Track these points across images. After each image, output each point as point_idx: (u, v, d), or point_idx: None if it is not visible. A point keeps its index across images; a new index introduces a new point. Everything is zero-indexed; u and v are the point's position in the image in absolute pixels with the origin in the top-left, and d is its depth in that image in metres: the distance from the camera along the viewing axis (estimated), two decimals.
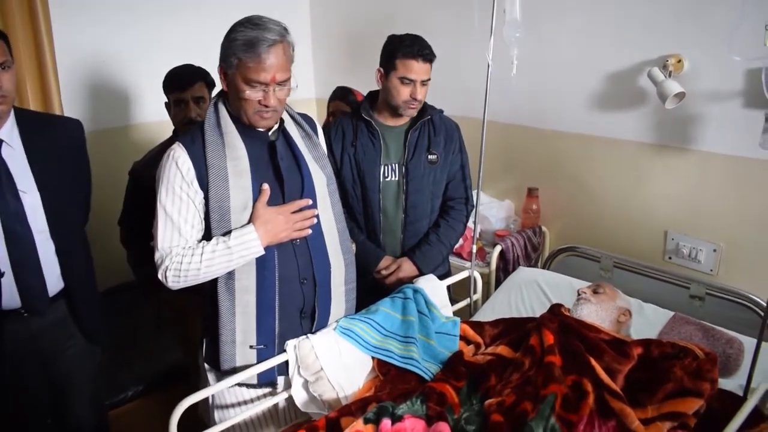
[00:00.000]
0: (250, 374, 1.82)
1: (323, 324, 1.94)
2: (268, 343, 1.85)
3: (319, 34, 3.95)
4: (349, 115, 2.40)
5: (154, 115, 3.08)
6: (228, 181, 1.72)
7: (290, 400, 1.92)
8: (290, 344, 1.86)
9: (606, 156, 2.69)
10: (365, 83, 2.92)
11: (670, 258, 2.57)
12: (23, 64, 2.70)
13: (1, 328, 1.89)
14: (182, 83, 2.28)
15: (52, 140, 1.95)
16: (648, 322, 2.18)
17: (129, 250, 2.45)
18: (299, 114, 1.94)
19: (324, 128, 2.22)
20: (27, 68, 2.72)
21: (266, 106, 1.69)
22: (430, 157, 2.32)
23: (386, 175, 2.32)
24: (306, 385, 1.88)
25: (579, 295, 2.09)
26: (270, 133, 1.81)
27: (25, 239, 1.86)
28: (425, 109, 2.34)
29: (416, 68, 2.17)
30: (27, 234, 1.86)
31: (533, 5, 2.55)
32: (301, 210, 1.79)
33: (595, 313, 2.01)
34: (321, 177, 1.89)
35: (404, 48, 2.17)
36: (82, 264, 2.08)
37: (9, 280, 1.85)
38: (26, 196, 1.85)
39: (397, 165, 2.32)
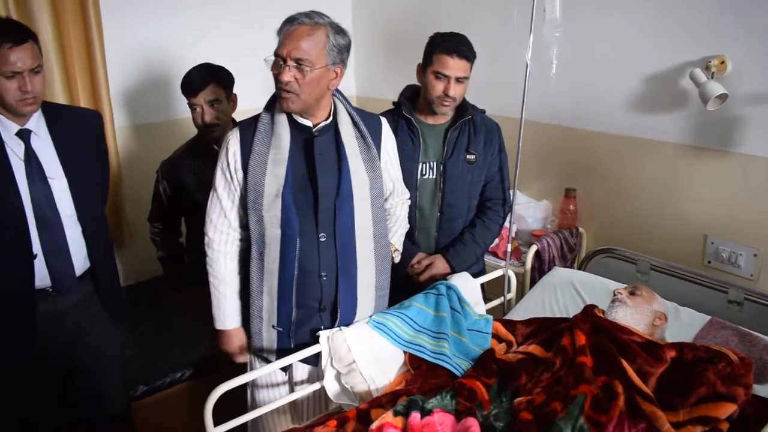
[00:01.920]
0: (284, 363, 1.89)
1: (349, 323, 1.97)
2: (285, 328, 1.95)
3: (360, 33, 3.98)
4: (390, 112, 2.42)
5: None
6: (266, 167, 1.82)
7: (318, 393, 1.98)
8: (323, 335, 1.89)
9: (645, 157, 2.66)
10: (405, 82, 2.94)
11: (709, 262, 2.53)
12: (74, 60, 2.81)
13: (34, 307, 2.01)
14: (193, 88, 2.28)
15: (76, 129, 2.07)
16: (684, 325, 2.16)
17: (157, 247, 2.51)
18: (364, 113, 1.98)
19: None
20: (77, 64, 2.82)
21: (281, 81, 1.73)
22: (468, 156, 2.33)
23: (424, 172, 2.34)
24: (338, 376, 1.91)
25: (615, 296, 2.07)
26: (315, 128, 1.86)
27: (55, 223, 1.98)
28: (466, 108, 2.34)
29: (450, 64, 2.18)
30: (56, 218, 1.98)
31: (573, 4, 2.54)
32: None
33: (630, 316, 1.99)
34: (364, 179, 1.91)
35: (441, 44, 2.19)
36: (104, 244, 2.21)
37: (40, 261, 1.98)
38: (54, 182, 1.97)
39: (435, 163, 2.33)
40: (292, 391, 2.07)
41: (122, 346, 2.34)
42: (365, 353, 1.89)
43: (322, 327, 1.96)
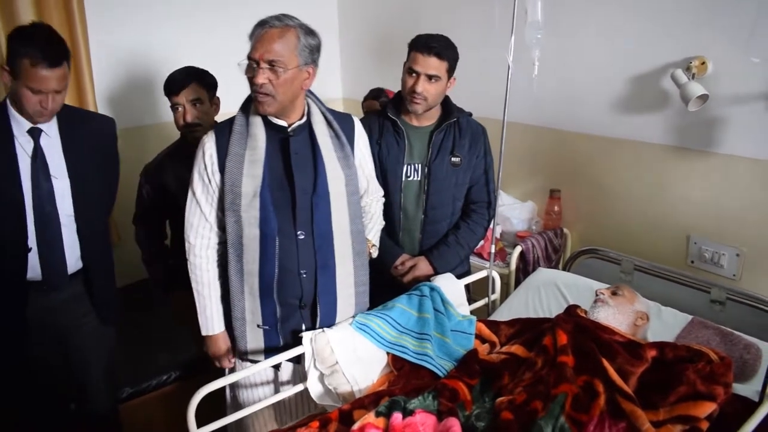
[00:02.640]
0: (270, 364, 1.91)
1: (330, 321, 1.99)
2: (271, 326, 1.96)
3: (347, 36, 3.99)
4: (377, 113, 2.43)
5: None
6: (243, 167, 1.84)
7: (303, 392, 1.98)
8: (306, 337, 1.90)
9: (628, 158, 2.68)
10: (392, 84, 2.95)
11: (692, 262, 2.55)
12: None
13: (25, 297, 2.06)
14: (175, 87, 2.27)
15: (87, 134, 2.11)
16: (666, 325, 2.17)
17: (142, 250, 2.51)
18: (337, 113, 2.00)
19: None
20: None
21: (255, 84, 1.76)
22: (453, 159, 2.33)
23: (409, 174, 2.34)
24: (321, 377, 1.92)
25: (597, 296, 2.09)
26: (290, 128, 1.88)
27: (52, 220, 2.03)
28: (452, 111, 2.35)
29: (420, 60, 2.19)
30: (54, 215, 2.03)
31: (556, 6, 2.56)
32: None
33: (612, 316, 2.00)
34: (339, 176, 1.93)
35: (417, 41, 2.22)
36: (101, 248, 2.24)
37: (33, 255, 2.03)
38: (57, 181, 2.03)
39: (420, 165, 2.34)
40: (278, 390, 2.08)
41: (113, 348, 2.34)
42: (348, 354, 1.90)
43: (304, 324, 1.98)
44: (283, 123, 1.87)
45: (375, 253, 2.19)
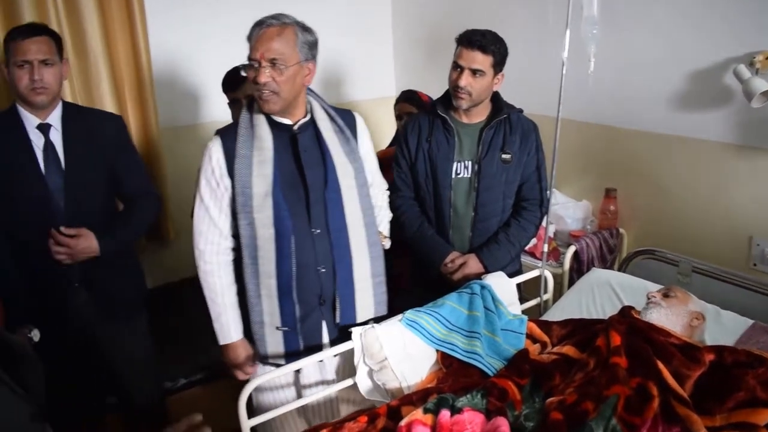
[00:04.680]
0: (304, 364, 1.93)
1: (349, 315, 1.99)
2: (291, 327, 1.95)
3: (400, 35, 4.00)
4: (427, 111, 2.44)
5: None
6: (252, 169, 1.85)
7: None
8: (356, 332, 1.91)
9: (688, 157, 2.60)
10: (444, 83, 2.95)
11: (755, 265, 2.46)
12: (122, 63, 2.90)
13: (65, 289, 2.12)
14: (234, 83, 2.33)
15: (85, 128, 2.15)
16: (725, 329, 2.10)
17: None
18: (338, 109, 2.02)
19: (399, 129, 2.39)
20: (125, 67, 2.92)
21: (258, 83, 1.77)
22: (503, 156, 2.31)
23: (458, 171, 2.34)
24: (370, 373, 1.93)
25: (648, 299, 2.04)
26: (296, 126, 1.90)
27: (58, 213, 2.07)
28: (502, 107, 2.33)
29: (464, 54, 2.19)
30: (59, 209, 2.07)
31: (612, 0, 2.51)
32: None
33: (666, 318, 1.95)
34: (348, 170, 1.94)
35: (462, 36, 2.22)
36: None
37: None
38: None
39: (470, 162, 2.33)
40: (300, 391, 2.07)
41: (144, 338, 2.39)
42: (397, 351, 1.91)
43: (324, 321, 1.99)
44: (287, 121, 1.89)
45: (387, 244, 2.19)
